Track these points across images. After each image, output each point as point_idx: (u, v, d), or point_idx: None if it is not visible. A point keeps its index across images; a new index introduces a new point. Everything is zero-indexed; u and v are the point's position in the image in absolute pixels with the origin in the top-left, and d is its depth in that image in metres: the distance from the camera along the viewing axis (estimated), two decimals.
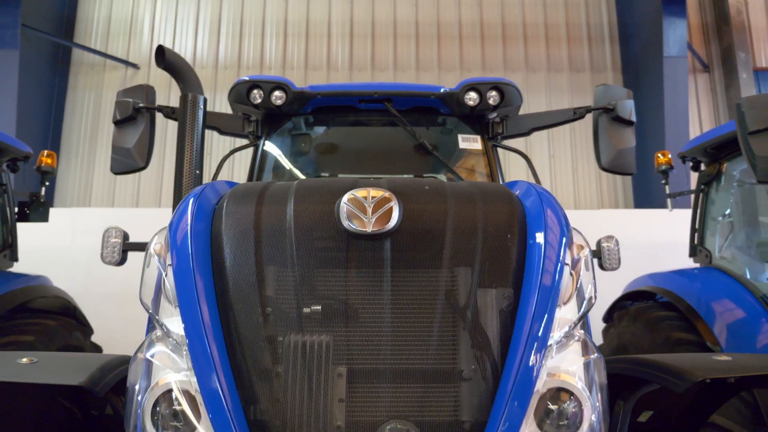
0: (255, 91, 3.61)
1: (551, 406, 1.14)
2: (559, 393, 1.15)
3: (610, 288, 5.58)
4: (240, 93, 3.61)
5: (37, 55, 10.21)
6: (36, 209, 5.15)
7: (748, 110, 3.52)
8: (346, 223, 1.24)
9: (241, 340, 1.22)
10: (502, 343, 1.24)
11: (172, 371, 1.17)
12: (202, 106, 3.32)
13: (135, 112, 3.47)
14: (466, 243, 1.30)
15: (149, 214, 8.14)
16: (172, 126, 3.90)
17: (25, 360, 1.49)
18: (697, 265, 5.28)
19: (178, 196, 3.26)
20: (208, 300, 1.24)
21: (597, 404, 1.16)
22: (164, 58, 3.24)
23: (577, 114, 3.57)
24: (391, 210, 1.24)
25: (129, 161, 3.42)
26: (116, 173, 3.44)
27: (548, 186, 10.18)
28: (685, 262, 5.39)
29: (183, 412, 1.13)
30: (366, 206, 1.24)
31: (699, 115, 11.24)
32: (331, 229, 1.29)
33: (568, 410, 1.14)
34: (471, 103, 3.54)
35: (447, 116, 3.73)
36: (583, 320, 1.30)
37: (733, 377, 1.44)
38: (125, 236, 2.60)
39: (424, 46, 11.39)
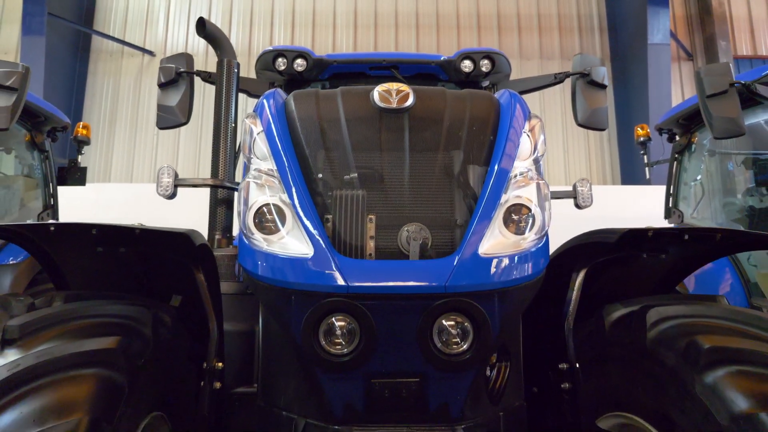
0: (279, 59, 4.10)
1: (513, 216, 1.70)
2: (518, 207, 1.70)
3: None
4: (266, 61, 4.10)
5: (60, 43, 10.77)
6: (73, 175, 5.67)
7: (706, 77, 4.07)
8: (378, 102, 1.81)
9: (308, 188, 1.77)
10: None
11: (267, 191, 1.73)
12: (236, 70, 3.85)
13: (177, 75, 3.94)
14: (458, 126, 1.87)
15: None
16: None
17: (137, 223, 2.04)
18: (672, 225, 5.82)
19: (216, 146, 3.79)
20: (288, 155, 1.79)
21: (544, 214, 1.73)
22: (204, 28, 3.77)
23: (557, 78, 4.10)
24: (408, 95, 1.83)
25: (173, 117, 3.89)
26: (161, 128, 3.92)
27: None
28: None
29: (274, 220, 1.69)
30: (392, 92, 1.82)
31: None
32: (369, 109, 1.86)
33: (524, 217, 1.70)
34: (466, 69, 4.04)
35: (445, 82, 4.24)
36: (539, 168, 1.87)
37: (651, 231, 1.98)
38: (176, 175, 3.07)
39: (424, 36, 11.98)
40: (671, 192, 5.79)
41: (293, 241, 1.67)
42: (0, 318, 1.72)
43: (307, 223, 1.68)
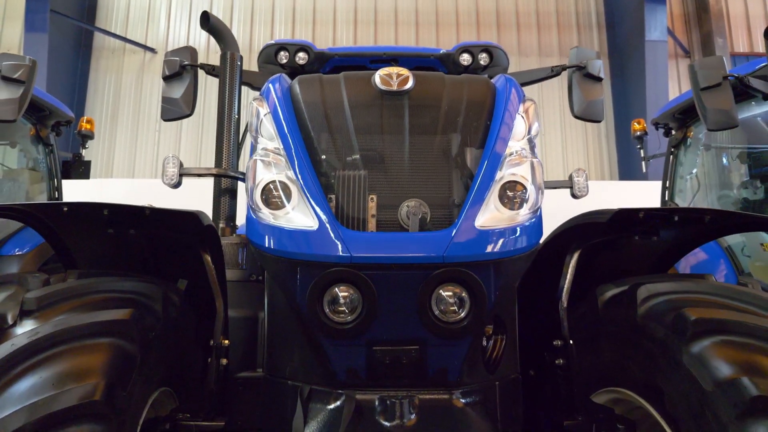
0: (282, 53, 4.16)
1: (509, 193, 1.78)
2: (513, 184, 1.79)
3: None
4: (269, 54, 4.17)
5: (63, 40, 10.87)
6: (77, 168, 5.75)
7: (700, 70, 4.14)
8: (380, 85, 1.90)
9: (313, 166, 1.85)
10: None
11: (273, 169, 1.81)
12: (239, 63, 3.91)
13: (181, 68, 4.00)
14: (456, 108, 1.95)
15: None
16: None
17: (147, 204, 2.12)
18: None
19: (220, 136, 3.85)
20: (294, 134, 1.88)
21: (538, 191, 1.81)
22: (208, 21, 3.84)
23: (554, 71, 4.18)
24: (407, 78, 1.93)
25: (177, 109, 3.96)
26: (165, 120, 4.00)
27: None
28: None
29: (280, 196, 1.77)
30: (392, 75, 1.91)
31: None
32: (370, 92, 1.95)
33: (519, 194, 1.78)
34: (465, 63, 4.11)
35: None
36: (533, 148, 1.95)
37: (642, 212, 2.05)
38: (181, 164, 3.12)
39: (424, 33, 12.09)
40: (667, 185, 5.87)
41: (299, 215, 1.75)
42: (17, 292, 1.79)
43: (312, 198, 1.76)
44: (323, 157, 1.89)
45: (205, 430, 2.13)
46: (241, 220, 3.65)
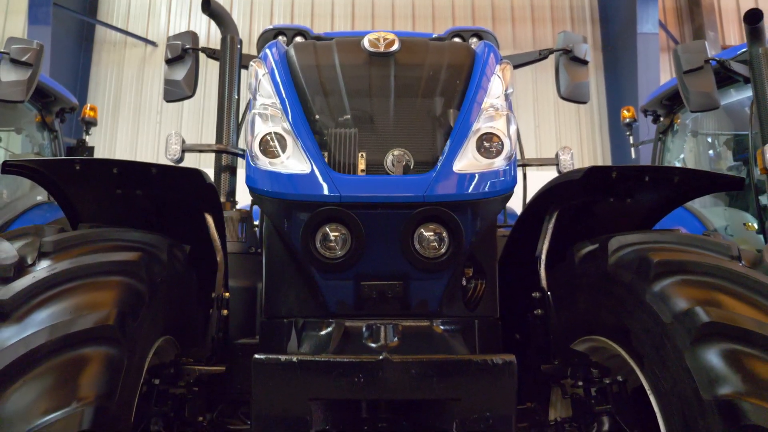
0: (280, 37, 4.31)
1: (485, 144, 1.94)
2: (490, 136, 1.95)
3: None
4: (267, 39, 4.30)
5: (65, 33, 11.05)
6: (81, 154, 5.90)
7: (683, 54, 4.30)
8: (368, 47, 2.07)
9: (306, 118, 2.02)
10: None
11: (270, 122, 1.98)
12: (239, 46, 4.07)
13: (183, 52, 4.16)
14: (438, 68, 2.13)
15: None
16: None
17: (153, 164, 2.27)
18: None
19: (221, 115, 3.99)
20: (289, 91, 2.04)
21: (512, 142, 1.97)
22: (209, 5, 3.99)
23: (542, 55, 4.34)
24: (394, 41, 2.11)
25: (179, 91, 4.11)
26: (168, 101, 4.15)
27: (533, 151, 11.06)
28: None
29: (276, 146, 1.93)
30: (380, 38, 2.09)
31: None
32: (360, 53, 2.12)
33: (495, 145, 1.94)
34: None
35: None
36: (509, 105, 2.11)
37: (615, 172, 2.21)
38: (183, 141, 3.25)
39: (420, 26, 12.29)
40: None
41: (293, 162, 1.92)
42: (34, 241, 1.95)
43: (305, 147, 1.93)
44: (316, 110, 2.06)
45: (206, 374, 2.28)
46: (240, 195, 3.77)
